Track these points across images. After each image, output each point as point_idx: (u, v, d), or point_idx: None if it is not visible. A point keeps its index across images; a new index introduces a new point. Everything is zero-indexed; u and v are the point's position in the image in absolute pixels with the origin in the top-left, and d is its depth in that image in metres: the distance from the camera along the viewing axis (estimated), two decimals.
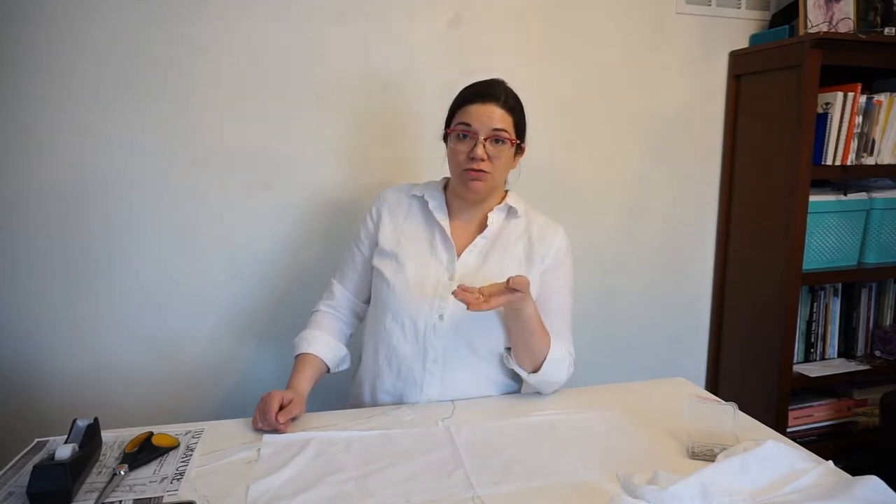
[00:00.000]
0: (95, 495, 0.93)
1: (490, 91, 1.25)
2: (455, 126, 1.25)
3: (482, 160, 1.22)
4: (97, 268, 1.65)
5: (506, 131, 1.24)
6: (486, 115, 1.23)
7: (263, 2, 1.65)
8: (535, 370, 1.26)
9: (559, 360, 1.27)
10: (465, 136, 1.24)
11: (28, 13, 1.51)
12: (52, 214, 1.60)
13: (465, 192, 1.28)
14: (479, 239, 1.31)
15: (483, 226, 1.32)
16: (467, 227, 1.33)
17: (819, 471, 0.96)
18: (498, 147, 1.24)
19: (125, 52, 1.58)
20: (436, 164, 1.44)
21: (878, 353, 2.15)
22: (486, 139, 1.23)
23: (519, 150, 1.31)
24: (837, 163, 1.90)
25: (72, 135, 1.58)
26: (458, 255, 1.30)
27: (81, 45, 1.56)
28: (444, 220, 1.32)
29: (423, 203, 1.35)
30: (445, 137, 1.31)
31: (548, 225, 1.36)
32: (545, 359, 1.24)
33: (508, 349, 1.30)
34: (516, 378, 1.36)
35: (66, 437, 1.01)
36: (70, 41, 1.55)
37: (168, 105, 1.63)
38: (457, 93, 1.31)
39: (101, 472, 1.00)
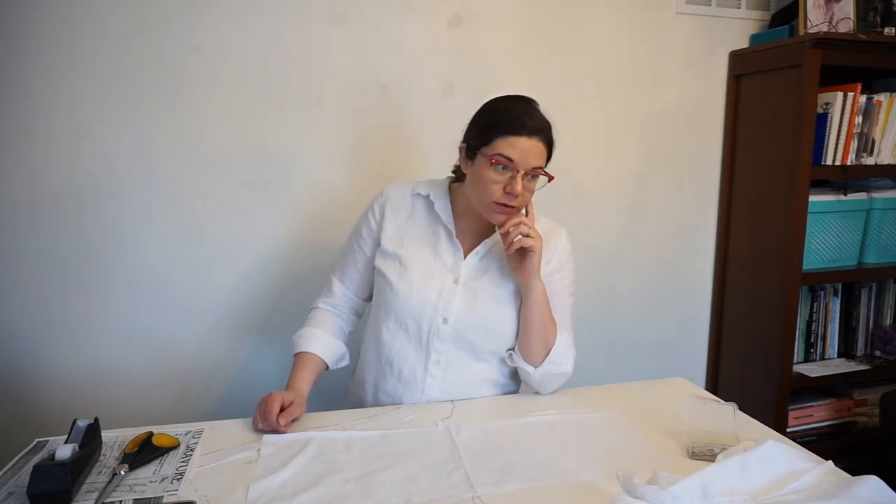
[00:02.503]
0: (95, 495, 0.92)
1: (536, 124, 1.19)
2: (495, 156, 1.18)
3: (517, 196, 1.19)
4: (97, 268, 1.65)
5: (542, 168, 1.22)
6: (531, 153, 1.18)
7: (263, 2, 1.65)
8: (545, 358, 1.26)
9: (567, 346, 1.29)
10: (503, 168, 1.19)
11: (28, 14, 1.51)
12: (52, 214, 1.60)
13: (489, 219, 1.25)
14: (485, 242, 1.31)
15: (488, 229, 1.31)
16: (473, 230, 1.32)
17: (819, 471, 0.96)
18: (532, 182, 1.22)
19: (125, 52, 1.58)
20: (435, 164, 1.44)
21: (878, 353, 2.15)
22: (524, 175, 1.18)
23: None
24: (837, 163, 1.90)
25: (71, 135, 1.59)
26: (464, 258, 1.30)
27: (81, 47, 1.56)
28: (450, 223, 1.30)
29: (428, 203, 1.33)
30: (467, 151, 1.24)
31: (551, 228, 1.36)
32: (555, 344, 1.25)
33: (511, 349, 1.30)
34: (516, 378, 1.36)
35: (66, 437, 1.01)
36: (70, 42, 1.55)
37: (168, 105, 1.63)
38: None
39: (101, 472, 1.00)
